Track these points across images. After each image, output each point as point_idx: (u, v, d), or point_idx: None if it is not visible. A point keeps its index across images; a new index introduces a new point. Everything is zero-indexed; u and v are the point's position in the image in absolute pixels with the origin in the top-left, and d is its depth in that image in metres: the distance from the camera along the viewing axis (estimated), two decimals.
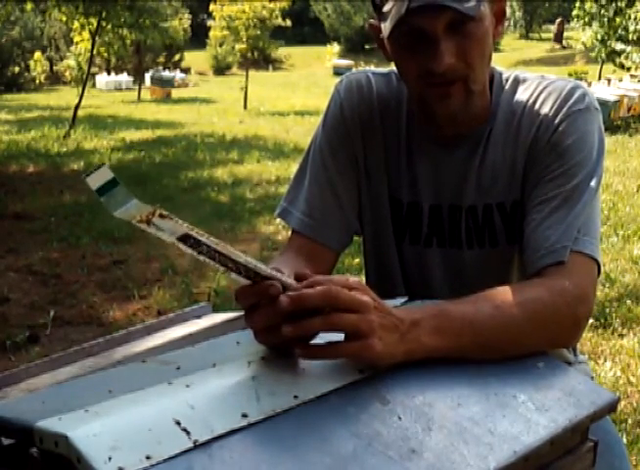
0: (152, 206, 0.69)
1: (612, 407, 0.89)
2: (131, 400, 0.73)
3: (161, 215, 0.69)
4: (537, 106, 1.13)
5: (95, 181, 0.72)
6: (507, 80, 1.18)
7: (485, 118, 1.16)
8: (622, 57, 13.52)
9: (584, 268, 1.04)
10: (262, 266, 0.79)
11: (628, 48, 13.18)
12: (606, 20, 13.51)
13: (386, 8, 1.04)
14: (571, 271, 1.02)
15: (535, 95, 1.14)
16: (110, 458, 0.64)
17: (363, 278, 1.36)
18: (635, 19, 12.87)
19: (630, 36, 13.03)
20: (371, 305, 0.82)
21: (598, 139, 1.11)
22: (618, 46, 13.33)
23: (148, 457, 0.65)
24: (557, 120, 1.10)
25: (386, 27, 1.06)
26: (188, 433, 0.69)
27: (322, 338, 0.82)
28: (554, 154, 1.09)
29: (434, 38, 1.02)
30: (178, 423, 0.69)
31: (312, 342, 0.82)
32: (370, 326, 0.80)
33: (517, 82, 1.17)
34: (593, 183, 1.08)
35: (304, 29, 38.22)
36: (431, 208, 1.19)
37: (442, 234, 1.20)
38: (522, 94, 1.16)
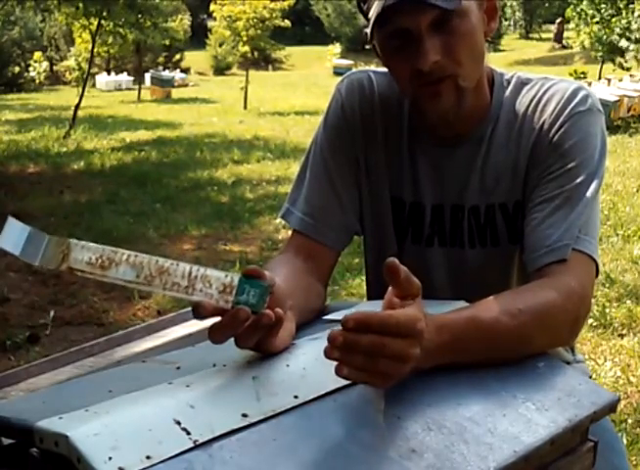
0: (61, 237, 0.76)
1: (612, 407, 0.89)
2: (131, 400, 0.73)
3: (70, 246, 0.73)
4: (540, 107, 1.13)
5: (8, 241, 0.76)
6: (509, 81, 1.18)
7: (484, 118, 1.16)
8: (627, 56, 13.48)
9: (585, 268, 1.04)
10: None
11: (632, 46, 13.13)
12: (604, 19, 13.48)
13: (370, 13, 1.05)
14: (574, 270, 1.02)
15: (539, 96, 1.14)
16: (110, 458, 0.64)
17: (363, 278, 1.36)
18: (638, 16, 12.83)
19: (634, 35, 12.99)
20: (416, 354, 0.79)
21: (600, 141, 1.11)
22: (623, 43, 13.25)
23: (148, 457, 0.65)
24: (560, 121, 1.10)
25: (368, 30, 1.07)
26: (188, 433, 0.69)
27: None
28: (556, 154, 1.10)
29: (417, 37, 1.03)
30: (178, 423, 0.69)
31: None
32: (411, 360, 0.79)
33: (520, 83, 1.17)
34: (594, 184, 1.08)
35: (305, 29, 38.21)
36: (433, 208, 1.19)
37: (444, 234, 1.20)
38: (525, 95, 1.16)
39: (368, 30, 1.08)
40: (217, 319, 0.79)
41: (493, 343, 0.91)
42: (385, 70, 1.24)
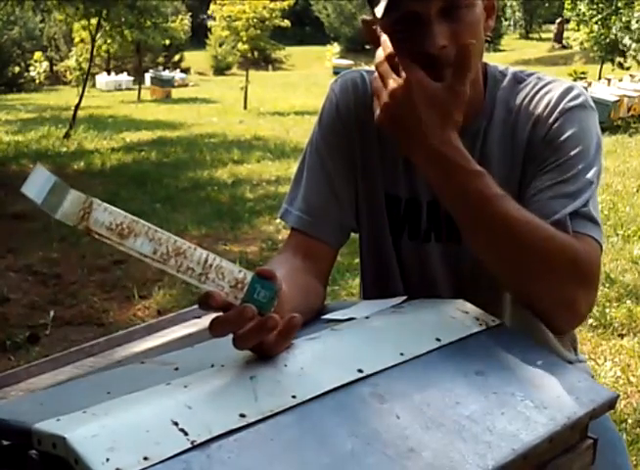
0: (85, 195, 0.71)
1: (611, 405, 0.89)
2: (129, 401, 0.73)
3: (93, 205, 0.71)
4: (533, 104, 1.14)
5: (32, 188, 0.74)
6: (503, 73, 1.19)
7: (479, 112, 1.16)
8: (627, 55, 13.45)
9: (595, 253, 1.03)
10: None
11: (634, 44, 13.11)
12: (603, 18, 13.48)
13: None
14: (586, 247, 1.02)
15: (532, 93, 1.15)
16: (107, 459, 0.64)
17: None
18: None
19: (634, 34, 12.97)
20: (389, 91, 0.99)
21: (595, 136, 1.11)
22: (626, 41, 13.22)
23: (145, 458, 0.65)
24: (553, 117, 1.11)
25: (378, 11, 1.05)
26: (186, 433, 0.68)
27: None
28: (551, 148, 1.10)
29: (426, 21, 1.02)
30: (176, 424, 0.69)
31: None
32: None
33: (515, 81, 1.18)
34: (591, 174, 1.07)
35: (305, 29, 38.21)
36: (429, 203, 1.19)
37: (440, 229, 1.20)
38: (519, 93, 1.16)
39: (379, 12, 1.04)
40: (220, 314, 0.79)
41: (492, 210, 0.95)
42: None
